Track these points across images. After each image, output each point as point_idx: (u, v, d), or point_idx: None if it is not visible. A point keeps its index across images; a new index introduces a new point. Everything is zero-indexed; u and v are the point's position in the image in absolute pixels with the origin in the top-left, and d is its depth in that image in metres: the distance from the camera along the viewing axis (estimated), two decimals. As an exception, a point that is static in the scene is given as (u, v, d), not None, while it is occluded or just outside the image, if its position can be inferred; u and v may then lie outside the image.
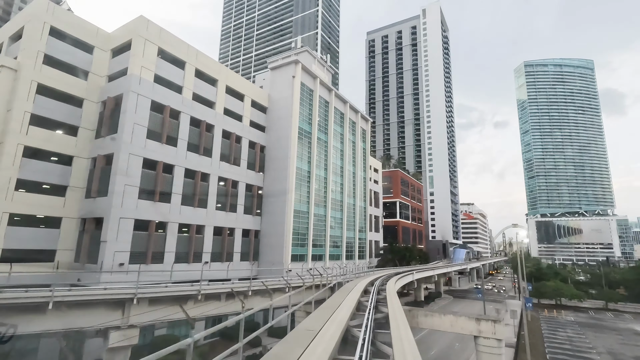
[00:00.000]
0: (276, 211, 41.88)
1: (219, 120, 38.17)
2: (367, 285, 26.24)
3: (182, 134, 33.78)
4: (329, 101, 52.90)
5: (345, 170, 55.48)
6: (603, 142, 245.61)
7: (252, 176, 42.28)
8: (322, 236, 48.09)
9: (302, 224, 44.14)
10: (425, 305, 60.10)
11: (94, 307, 15.13)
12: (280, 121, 44.46)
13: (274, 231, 41.60)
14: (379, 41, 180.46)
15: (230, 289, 19.42)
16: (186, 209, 33.41)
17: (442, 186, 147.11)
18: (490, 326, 21.37)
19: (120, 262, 27.42)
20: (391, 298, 17.37)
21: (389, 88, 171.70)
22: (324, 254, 48.01)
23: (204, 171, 35.70)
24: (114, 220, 27.26)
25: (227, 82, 39.82)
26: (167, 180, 32.19)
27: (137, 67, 30.22)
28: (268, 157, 44.49)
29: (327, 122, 52.18)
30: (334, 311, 12.70)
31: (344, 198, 54.48)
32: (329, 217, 49.17)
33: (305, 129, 46.52)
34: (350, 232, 56.36)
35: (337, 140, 54.46)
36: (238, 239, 39.38)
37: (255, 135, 43.40)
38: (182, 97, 34.16)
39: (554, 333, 43.37)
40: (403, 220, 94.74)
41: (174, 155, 32.66)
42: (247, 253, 40.50)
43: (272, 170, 43.63)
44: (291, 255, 41.28)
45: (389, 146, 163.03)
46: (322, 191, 49.16)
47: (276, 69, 46.66)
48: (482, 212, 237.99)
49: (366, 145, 65.02)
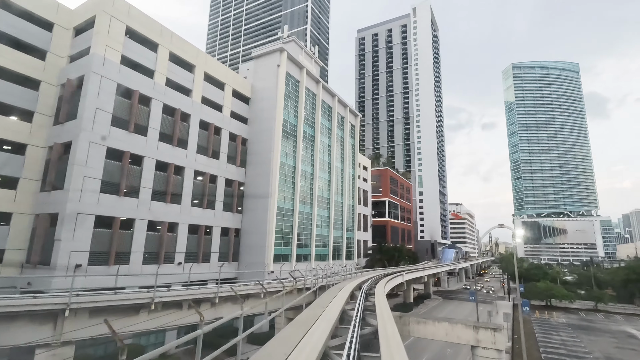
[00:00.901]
0: (258, 208, 39.14)
1: (196, 110, 35.23)
2: (355, 289, 23.83)
3: (154, 123, 30.75)
4: (317, 94, 50.38)
5: (333, 167, 53.04)
6: (587, 144, 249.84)
7: (233, 171, 39.45)
8: (307, 235, 45.55)
9: (286, 222, 41.51)
10: (414, 307, 58.20)
11: (18, 320, 12.27)
12: (264, 113, 41.73)
13: (255, 230, 38.85)
14: (369, 39, 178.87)
15: (195, 296, 16.67)
16: (157, 205, 30.41)
17: (431, 186, 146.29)
18: (490, 335, 19.19)
19: (77, 264, 24.32)
20: (381, 307, 14.95)
21: (378, 87, 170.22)
22: (309, 254, 45.47)
23: (178, 164, 32.73)
24: (70, 216, 24.16)
25: (205, 68, 36.89)
26: (135, 172, 29.15)
27: (100, 46, 27.11)
28: (250, 151, 41.71)
29: (315, 116, 49.64)
30: (310, 326, 10.19)
31: (332, 196, 52.05)
32: (315, 216, 46.65)
33: (290, 121, 43.89)
34: (338, 231, 53.97)
35: (324, 135, 51.99)
36: (216, 238, 36.51)
37: (237, 127, 40.57)
38: (153, 82, 31.13)
39: (547, 336, 41.83)
40: (392, 220, 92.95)
41: (143, 146, 29.63)
42: (226, 253, 37.67)
43: (255, 165, 40.87)
44: (274, 256, 38.62)
45: (379, 145, 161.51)
46: (308, 188, 46.61)
47: (260, 57, 43.90)
48: (470, 213, 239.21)
49: (355, 142, 62.73)
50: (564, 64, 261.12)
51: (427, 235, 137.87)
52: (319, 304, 14.69)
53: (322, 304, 14.52)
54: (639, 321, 52.92)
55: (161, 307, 15.55)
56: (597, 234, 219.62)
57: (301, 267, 42.24)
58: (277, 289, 21.54)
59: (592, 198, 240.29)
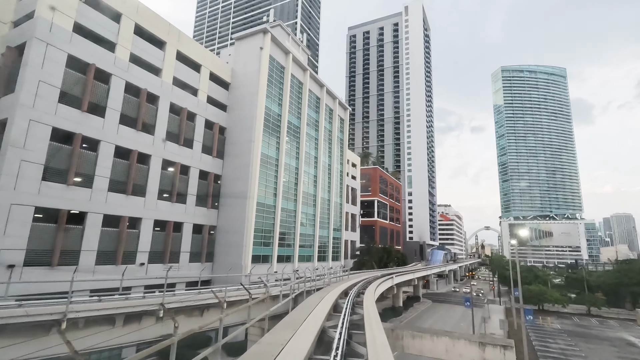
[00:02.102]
0: (236, 204, 35.45)
1: (166, 91, 31.36)
2: (340, 296, 20.50)
3: (114, 103, 26.81)
4: (304, 82, 46.92)
5: (320, 162, 49.66)
6: (573, 148, 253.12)
7: (209, 162, 35.66)
8: (290, 234, 42.06)
9: (267, 219, 37.92)
10: (403, 311, 55.24)
11: None
12: (245, 99, 38.08)
13: (233, 227, 35.14)
14: (360, 37, 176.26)
15: (132, 309, 12.99)
16: (115, 197, 26.48)
17: (421, 186, 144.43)
18: (499, 354, 16.08)
19: (9, 264, 20.31)
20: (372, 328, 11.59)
21: (369, 85, 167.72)
22: (292, 254, 41.99)
23: (143, 151, 28.83)
24: (0, 208, 20.14)
25: (178, 46, 33.03)
26: (89, 158, 25.19)
27: (47, 9, 23.09)
28: (229, 140, 37.97)
29: (301, 106, 46.20)
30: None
31: (318, 192, 48.66)
32: (299, 213, 43.18)
33: (274, 110, 40.33)
34: (324, 230, 50.62)
35: (311, 128, 48.58)
36: (187, 236, 32.68)
37: (214, 114, 36.79)
38: (114, 56, 27.19)
39: (545, 344, 39.33)
40: (381, 220, 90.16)
41: (99, 128, 25.67)
42: (198, 253, 33.88)
43: (233, 156, 37.17)
44: (252, 256, 35.01)
45: (368, 144, 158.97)
46: (292, 183, 43.11)
47: (242, 39, 40.21)
48: (457, 214, 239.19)
49: (344, 136, 59.50)
50: (552, 68, 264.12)
51: (415, 236, 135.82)
52: (291, 321, 11.23)
53: (294, 322, 11.08)
54: (634, 327, 51.11)
55: (84, 324, 11.84)
56: (582, 237, 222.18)
57: (283, 268, 38.80)
58: (243, 296, 18.05)
59: (577, 201, 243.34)
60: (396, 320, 48.96)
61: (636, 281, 63.22)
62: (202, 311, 16.23)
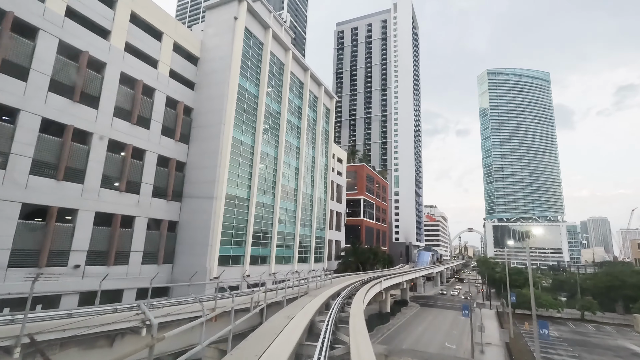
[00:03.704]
0: (203, 196, 30.36)
1: (116, 58, 26.06)
2: (319, 310, 15.89)
3: (41, 65, 21.39)
4: (285, 63, 42.15)
5: (303, 153, 44.93)
6: (556, 151, 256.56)
7: (170, 146, 30.45)
8: (267, 232, 37.20)
9: (239, 215, 32.96)
10: (391, 317, 51.10)
11: None
12: (215, 76, 33.02)
13: (198, 223, 30.01)
14: (348, 33, 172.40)
15: None
16: (41, 182, 21.10)
17: (408, 186, 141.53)
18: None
19: None
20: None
21: (356, 82, 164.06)
22: (269, 255, 37.12)
23: (81, 127, 23.47)
24: None
25: (133, 6, 27.74)
26: (4, 133, 19.76)
27: None
28: (197, 123, 32.83)
29: (282, 89, 41.41)
30: None
31: (300, 186, 43.93)
32: (277, 208, 38.35)
33: (250, 90, 35.43)
34: (306, 228, 45.92)
35: (293, 115, 43.84)
36: (140, 232, 27.40)
37: (178, 91, 31.61)
38: (44, 7, 21.80)
39: (546, 355, 35.77)
40: (367, 220, 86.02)
41: (18, 95, 20.25)
42: (154, 253, 28.62)
43: (201, 140, 32.05)
44: (221, 257, 30.00)
45: (355, 142, 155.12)
46: (270, 174, 38.27)
47: (213, 8, 35.06)
48: (443, 215, 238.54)
49: (329, 127, 54.97)
50: (536, 72, 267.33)
51: (401, 237, 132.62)
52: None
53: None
54: (631, 334, 48.53)
55: None
56: (564, 239, 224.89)
57: (257, 271, 33.92)
58: (188, 314, 13.23)
59: (559, 204, 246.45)
60: (384, 328, 44.72)
61: (629, 284, 61.10)
62: (112, 340, 11.29)
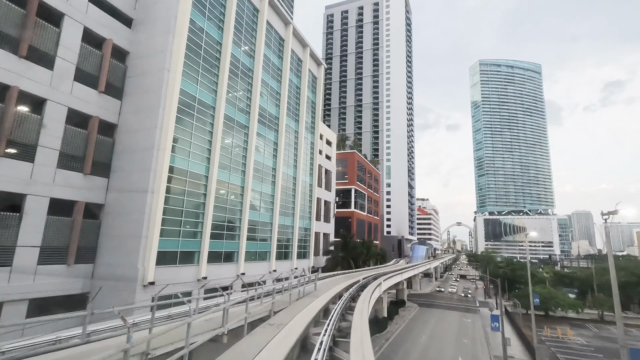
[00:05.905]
0: (137, 169, 21.72)
1: (-13, -47, 17.11)
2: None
3: None
4: (260, 9, 33.48)
5: (283, 123, 36.44)
6: (547, 145, 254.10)
7: (91, 99, 21.61)
8: (234, 221, 28.74)
9: (192, 196, 24.43)
10: (389, 323, 43.42)
11: None
12: (158, 7, 24.28)
13: (130, 207, 21.39)
14: (338, 17, 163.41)
15: None
16: None
17: (400, 177, 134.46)
18: None
19: None
20: None
21: (346, 68, 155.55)
22: (236, 251, 28.69)
23: None
24: None
25: None
26: None
27: None
28: (133, 72, 24.02)
29: (255, 41, 32.79)
30: None
31: (279, 165, 35.54)
32: (248, 190, 29.88)
33: (208, 32, 26.74)
34: (287, 218, 37.66)
35: (270, 76, 35.28)
36: (36, 218, 18.61)
37: (105, 24, 22.72)
38: None
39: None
40: (358, 212, 78.17)
41: None
42: (63, 248, 19.91)
43: (137, 94, 23.29)
44: (162, 254, 21.52)
45: (345, 131, 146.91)
46: (239, 147, 29.74)
47: None
48: (435, 208, 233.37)
49: (317, 99, 46.50)
50: (528, 64, 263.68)
51: (394, 230, 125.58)
52: None
53: None
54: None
55: None
56: (555, 233, 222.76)
57: (218, 272, 25.54)
58: None
59: (549, 197, 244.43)
60: (382, 338, 36.96)
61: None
62: None
